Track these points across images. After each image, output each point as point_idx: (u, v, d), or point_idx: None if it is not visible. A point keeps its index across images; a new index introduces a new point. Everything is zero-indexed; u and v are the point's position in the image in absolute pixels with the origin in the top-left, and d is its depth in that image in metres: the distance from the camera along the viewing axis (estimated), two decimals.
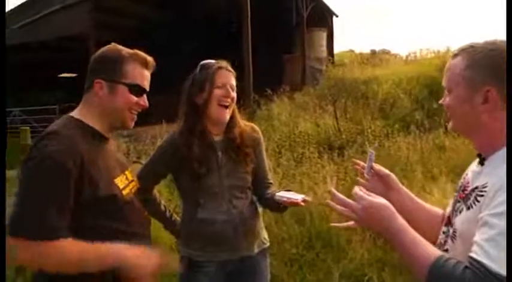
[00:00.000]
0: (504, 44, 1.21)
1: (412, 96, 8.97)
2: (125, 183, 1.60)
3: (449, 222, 1.31)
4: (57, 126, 1.49)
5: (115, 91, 1.55)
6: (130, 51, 1.60)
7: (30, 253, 1.33)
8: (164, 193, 4.56)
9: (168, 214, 2.18)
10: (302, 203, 1.86)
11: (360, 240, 3.94)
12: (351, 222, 1.29)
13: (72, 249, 1.36)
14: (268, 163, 2.18)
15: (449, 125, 1.32)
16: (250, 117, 8.60)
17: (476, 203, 1.15)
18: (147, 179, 1.93)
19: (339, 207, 1.24)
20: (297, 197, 1.88)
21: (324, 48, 17.90)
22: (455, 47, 1.42)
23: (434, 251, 1.12)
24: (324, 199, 4.53)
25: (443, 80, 1.28)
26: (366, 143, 6.11)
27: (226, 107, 1.95)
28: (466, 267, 1.04)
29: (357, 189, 1.24)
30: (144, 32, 15.47)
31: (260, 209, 2.16)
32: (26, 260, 1.38)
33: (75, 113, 1.58)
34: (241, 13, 11.23)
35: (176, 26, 15.44)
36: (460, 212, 1.22)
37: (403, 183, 1.55)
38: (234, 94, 1.98)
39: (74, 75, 18.66)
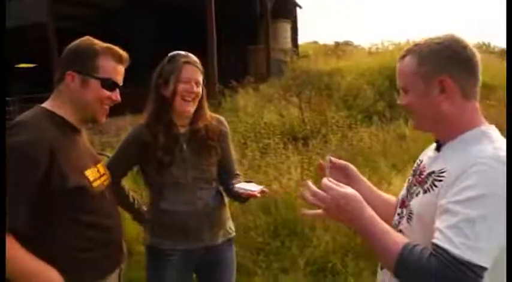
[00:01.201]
0: (448, 36, 1.28)
1: (374, 87, 9.16)
2: (96, 175, 1.61)
3: (403, 204, 1.36)
4: (25, 117, 1.49)
5: (87, 85, 1.56)
6: (105, 45, 1.61)
7: None
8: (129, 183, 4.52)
9: (136, 205, 2.20)
10: (258, 195, 1.91)
11: (323, 228, 4.03)
12: (319, 211, 1.29)
13: (9, 247, 1.33)
14: (234, 154, 2.21)
15: (414, 124, 1.38)
16: (216, 109, 8.59)
17: (434, 187, 1.21)
18: (114, 171, 1.92)
19: (310, 198, 1.25)
20: (255, 188, 1.93)
21: (289, 39, 17.95)
22: (415, 39, 1.46)
23: (402, 240, 1.16)
24: (289, 188, 4.62)
25: (398, 82, 1.33)
26: (330, 133, 6.23)
27: (190, 101, 1.97)
28: (431, 254, 1.08)
29: (326, 180, 1.25)
30: (105, 21, 15.09)
31: (227, 199, 2.20)
32: None
33: (46, 104, 1.59)
34: (205, 3, 11.13)
35: (137, 15, 15.14)
36: (417, 195, 1.28)
37: (365, 173, 1.61)
38: (198, 89, 2.00)
39: (32, 65, 18.07)
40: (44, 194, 1.40)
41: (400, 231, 1.30)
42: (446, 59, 1.25)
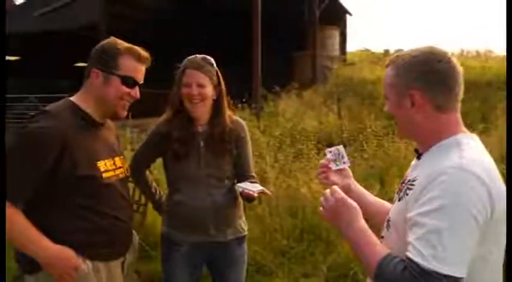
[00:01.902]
0: (426, 49, 1.30)
1: None
2: (110, 167, 1.73)
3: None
4: (51, 107, 1.68)
5: (109, 81, 1.71)
6: (127, 45, 1.75)
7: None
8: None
9: (157, 196, 2.35)
10: (256, 195, 1.98)
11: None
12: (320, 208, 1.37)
13: (15, 219, 1.52)
14: (251, 157, 2.28)
15: (399, 133, 1.47)
16: (257, 113, 8.70)
17: (406, 196, 1.24)
18: (139, 161, 2.14)
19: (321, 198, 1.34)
20: (253, 189, 1.99)
21: (337, 46, 17.87)
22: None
23: (383, 252, 1.19)
24: (317, 194, 4.62)
25: (384, 88, 1.37)
26: (366, 141, 6.17)
27: (196, 103, 2.08)
28: (405, 267, 1.11)
29: (336, 187, 1.34)
30: (155, 24, 15.61)
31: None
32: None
33: (73, 97, 1.76)
34: (252, 9, 11.29)
35: (187, 18, 15.56)
36: (394, 202, 1.33)
37: (398, 184, 1.63)
38: (202, 90, 2.07)
39: (85, 64, 18.88)
40: (52, 178, 1.54)
41: (382, 238, 1.34)
42: (419, 73, 1.28)
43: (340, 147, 1.59)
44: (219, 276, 2.27)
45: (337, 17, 18.30)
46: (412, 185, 1.24)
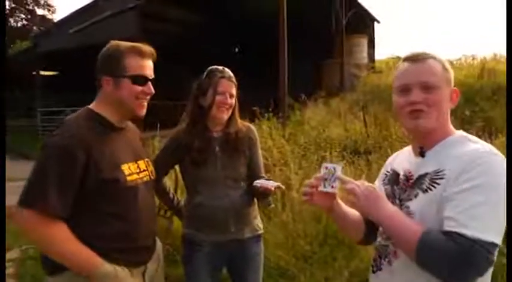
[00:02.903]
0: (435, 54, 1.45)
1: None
2: (134, 171, 1.75)
3: None
4: (70, 117, 1.73)
5: (120, 85, 1.72)
6: (128, 45, 1.76)
7: (30, 222, 1.55)
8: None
9: (175, 201, 2.50)
10: (273, 189, 2.11)
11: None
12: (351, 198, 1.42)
13: (58, 234, 1.56)
14: (261, 159, 2.43)
15: (424, 122, 1.39)
16: (283, 122, 8.76)
17: (436, 185, 1.33)
18: (157, 168, 2.17)
19: (349, 185, 1.40)
20: (270, 184, 2.13)
21: (365, 54, 17.82)
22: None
23: (419, 226, 1.29)
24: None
25: (420, 78, 1.40)
26: (390, 148, 6.15)
27: (224, 110, 2.25)
28: (448, 238, 1.21)
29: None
30: (187, 36, 15.97)
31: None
32: (27, 228, 1.59)
33: (92, 105, 1.80)
34: (278, 18, 11.44)
35: (216, 29, 15.86)
36: (416, 196, 1.39)
37: None
38: (231, 101, 2.27)
39: None
40: (82, 185, 1.59)
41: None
42: (451, 73, 1.44)
43: (338, 167, 1.45)
44: (238, 276, 2.39)
45: (365, 24, 18.27)
46: (440, 175, 1.33)
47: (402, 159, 1.55)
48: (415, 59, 1.44)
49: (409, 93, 1.41)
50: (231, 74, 2.30)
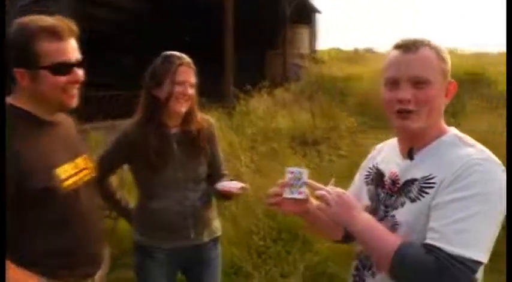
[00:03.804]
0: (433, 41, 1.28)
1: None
2: (72, 172, 1.47)
3: (373, 216, 1.32)
4: None
5: (38, 78, 1.37)
6: (37, 23, 1.36)
7: None
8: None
9: (123, 203, 2.22)
10: (237, 191, 1.94)
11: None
12: (322, 204, 1.31)
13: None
14: (221, 155, 2.23)
15: (413, 122, 1.25)
16: (229, 112, 8.60)
17: (424, 194, 1.20)
18: (102, 167, 1.91)
19: (320, 192, 1.29)
20: (234, 186, 1.96)
21: (307, 45, 17.96)
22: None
23: (397, 238, 1.18)
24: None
25: (412, 72, 1.23)
26: (339, 138, 6.20)
27: (184, 103, 1.99)
28: (428, 251, 1.10)
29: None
30: (135, 25, 15.34)
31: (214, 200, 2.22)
32: None
33: (11, 98, 1.43)
34: (223, 8, 11.20)
35: (162, 19, 15.34)
36: (402, 205, 1.26)
37: None
38: (191, 91, 2.01)
39: None
40: (16, 195, 1.30)
41: None
42: (447, 63, 1.26)
43: (304, 171, 1.35)
44: (196, 280, 2.20)
45: (307, 15, 18.38)
46: (430, 182, 1.20)
47: (388, 159, 1.40)
48: (406, 47, 1.25)
49: (397, 87, 1.24)
50: (190, 60, 2.03)
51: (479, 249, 1.09)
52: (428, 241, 1.11)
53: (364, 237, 1.22)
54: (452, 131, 1.29)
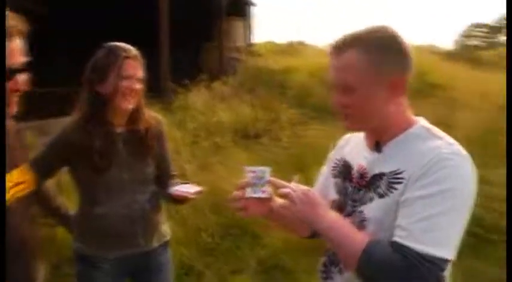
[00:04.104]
0: (386, 28, 1.21)
1: (326, 85, 9.21)
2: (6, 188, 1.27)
3: (340, 211, 1.29)
4: None
5: None
6: None
7: None
8: None
9: (62, 210, 2.04)
10: (192, 196, 1.83)
11: (275, 226, 3.98)
12: (286, 202, 1.25)
13: None
14: (170, 154, 2.10)
15: (348, 125, 1.26)
16: (167, 107, 8.38)
17: (393, 190, 1.16)
18: (38, 171, 1.70)
19: (284, 190, 1.22)
20: (190, 190, 1.84)
21: (242, 38, 17.91)
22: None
23: (365, 237, 1.14)
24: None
25: (334, 79, 1.21)
26: (281, 131, 6.21)
27: (131, 99, 1.83)
28: (394, 250, 1.06)
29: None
30: (55, 13, 14.52)
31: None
32: None
33: None
34: (158, 1, 10.87)
35: (87, 7, 14.65)
36: (371, 200, 1.21)
37: (317, 171, 1.54)
38: (139, 86, 1.86)
39: None
40: None
41: None
42: (396, 55, 1.19)
43: (267, 169, 1.29)
44: None
45: (242, 8, 18.32)
46: (398, 177, 1.16)
47: (356, 151, 1.35)
48: (333, 50, 1.20)
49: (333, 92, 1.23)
50: (137, 53, 1.86)
51: (447, 247, 1.07)
52: (396, 239, 1.08)
53: (330, 235, 1.18)
54: (421, 122, 1.25)
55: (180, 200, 1.88)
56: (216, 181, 4.70)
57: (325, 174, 1.48)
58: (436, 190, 1.07)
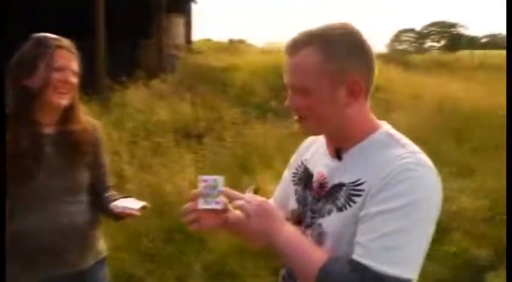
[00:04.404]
0: (347, 25, 1.12)
1: (268, 84, 9.22)
2: None
3: (299, 222, 1.21)
4: None
5: None
6: None
7: None
8: None
9: None
10: (138, 213, 1.67)
11: (220, 230, 3.86)
12: (240, 214, 1.18)
13: None
14: (107, 164, 1.91)
15: (304, 128, 1.18)
16: (104, 105, 8.02)
17: (352, 203, 1.07)
18: None
19: (239, 202, 1.12)
20: (136, 205, 1.68)
21: (182, 34, 17.58)
22: None
23: (323, 254, 1.06)
24: (183, 189, 4.37)
25: (289, 80, 1.12)
26: (224, 130, 6.10)
27: (65, 94, 1.64)
28: (352, 270, 0.98)
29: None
30: None
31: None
32: None
33: None
34: None
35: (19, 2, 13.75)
36: (329, 213, 1.13)
37: (261, 171, 1.45)
38: (74, 80, 1.67)
39: None
40: None
41: None
42: (356, 54, 1.10)
43: (220, 178, 1.19)
44: None
45: (183, 5, 17.97)
46: (358, 189, 1.07)
47: (317, 157, 1.27)
48: (288, 49, 1.12)
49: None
50: (70, 43, 1.68)
51: (408, 266, 0.98)
52: (354, 257, 1.00)
53: (286, 251, 1.08)
54: (384, 127, 1.16)
55: (121, 216, 1.71)
56: (157, 183, 4.51)
57: (286, 180, 1.38)
58: (397, 204, 0.99)
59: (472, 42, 45.94)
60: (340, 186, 1.12)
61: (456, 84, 10.90)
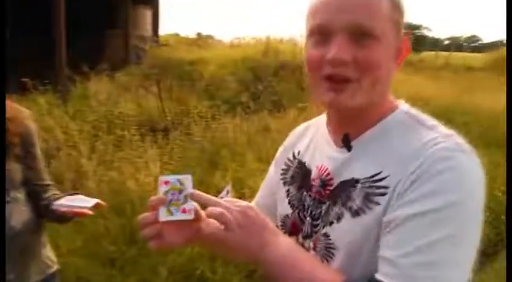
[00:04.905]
0: None
1: (237, 78, 8.99)
2: None
3: (296, 231, 0.95)
4: None
5: None
6: None
7: None
8: None
9: None
10: (90, 212, 1.41)
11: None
12: (218, 227, 0.85)
13: None
14: (42, 159, 1.64)
15: (355, 101, 0.85)
16: (64, 96, 7.58)
17: (372, 205, 0.81)
18: None
19: (214, 210, 0.82)
20: (87, 203, 1.42)
21: (149, 26, 17.10)
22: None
23: (335, 273, 0.81)
24: (147, 186, 4.06)
25: (354, 15, 0.82)
26: (192, 124, 5.80)
27: None
28: None
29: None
30: None
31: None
32: None
33: None
34: None
35: None
36: (339, 220, 0.86)
37: (231, 167, 1.18)
38: None
39: None
40: None
41: None
42: (403, 13, 0.88)
43: (187, 177, 0.88)
44: None
45: None
46: (380, 187, 0.81)
47: (315, 147, 1.01)
48: None
49: (328, 42, 0.83)
50: None
51: None
52: (379, 278, 0.75)
53: (282, 271, 0.81)
54: (401, 107, 0.92)
55: (68, 217, 1.45)
56: (119, 179, 4.19)
57: (273, 179, 1.10)
58: (434, 206, 0.74)
59: (435, 44, 47.07)
60: (353, 183, 0.86)
61: (425, 83, 10.97)
